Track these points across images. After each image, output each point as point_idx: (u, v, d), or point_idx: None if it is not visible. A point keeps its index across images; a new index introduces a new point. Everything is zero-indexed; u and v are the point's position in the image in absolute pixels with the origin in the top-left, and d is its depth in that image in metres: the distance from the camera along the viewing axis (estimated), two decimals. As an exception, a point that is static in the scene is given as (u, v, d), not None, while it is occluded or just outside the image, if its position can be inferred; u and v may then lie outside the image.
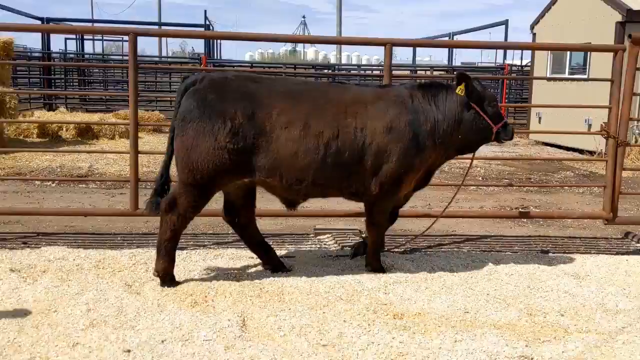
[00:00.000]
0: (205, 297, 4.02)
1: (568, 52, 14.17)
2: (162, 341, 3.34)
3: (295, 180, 4.16)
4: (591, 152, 12.50)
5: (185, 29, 20.18)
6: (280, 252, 5.10)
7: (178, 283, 4.23)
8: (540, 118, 15.57)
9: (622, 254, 5.64)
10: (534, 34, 16.02)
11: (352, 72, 24.87)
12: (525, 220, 6.87)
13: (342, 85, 5.23)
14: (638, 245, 6.05)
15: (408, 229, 6.35)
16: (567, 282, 4.60)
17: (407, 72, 20.96)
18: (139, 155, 5.42)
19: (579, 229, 6.70)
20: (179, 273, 4.37)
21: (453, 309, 3.98)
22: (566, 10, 14.69)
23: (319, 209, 6.07)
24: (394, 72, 8.73)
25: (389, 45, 5.05)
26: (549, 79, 15.00)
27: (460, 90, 4.37)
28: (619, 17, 12.51)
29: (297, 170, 4.12)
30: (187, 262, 4.75)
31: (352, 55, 70.71)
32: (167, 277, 4.18)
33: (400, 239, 5.91)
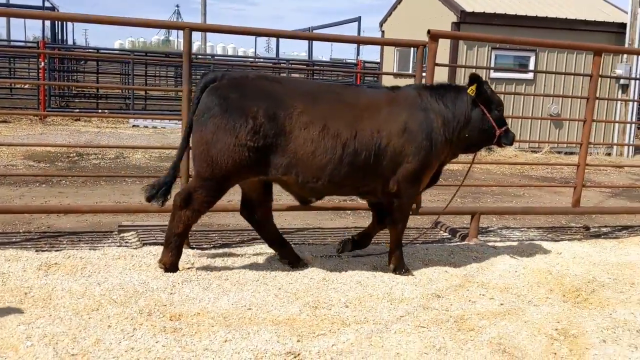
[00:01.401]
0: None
1: (412, 49, 14.76)
2: None
3: (312, 178, 4.24)
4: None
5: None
6: (74, 251, 4.69)
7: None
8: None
9: (427, 242, 5.85)
10: (383, 32, 16.57)
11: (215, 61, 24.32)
12: (348, 211, 6.95)
13: (356, 87, 5.24)
14: (445, 234, 6.32)
15: (225, 224, 6.16)
16: (363, 272, 4.63)
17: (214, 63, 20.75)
18: None
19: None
20: None
21: (237, 306, 3.82)
22: (410, 9, 15.34)
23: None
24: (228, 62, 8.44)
25: (187, 29, 4.78)
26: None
27: (471, 90, 4.54)
28: (454, 18, 13.23)
29: (314, 169, 4.20)
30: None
31: (228, 47, 70.09)
32: (174, 270, 4.34)
33: (214, 235, 5.70)
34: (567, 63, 13.88)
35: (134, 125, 15.35)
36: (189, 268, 4.47)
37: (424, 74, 5.46)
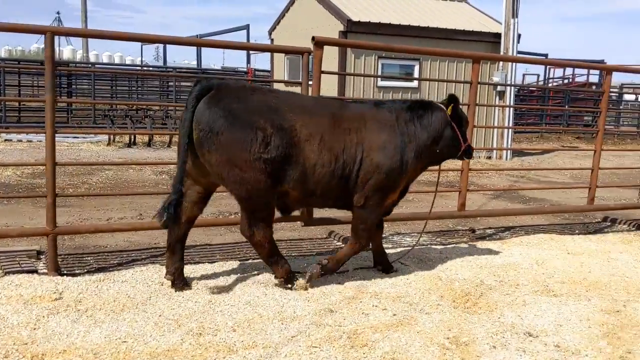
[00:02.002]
0: None
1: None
2: None
3: (310, 191, 4.33)
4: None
5: None
6: None
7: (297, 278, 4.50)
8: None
9: (322, 254, 5.70)
10: (272, 40, 16.44)
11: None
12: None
13: (341, 101, 5.11)
14: (339, 243, 6.22)
15: (102, 245, 5.68)
16: (253, 290, 4.39)
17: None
18: None
19: (289, 231, 6.71)
20: None
21: (110, 339, 3.44)
22: (297, 18, 15.33)
23: None
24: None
25: (49, 34, 4.31)
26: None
27: (449, 110, 4.73)
28: (341, 27, 13.36)
29: (314, 181, 4.28)
30: None
31: (115, 56, 67.65)
32: (291, 276, 4.49)
33: (89, 257, 5.22)
34: (448, 71, 14.47)
35: (6, 140, 14.11)
36: (56, 299, 4.00)
37: (310, 82, 5.32)
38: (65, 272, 4.75)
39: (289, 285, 4.46)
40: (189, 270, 4.73)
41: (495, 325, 3.97)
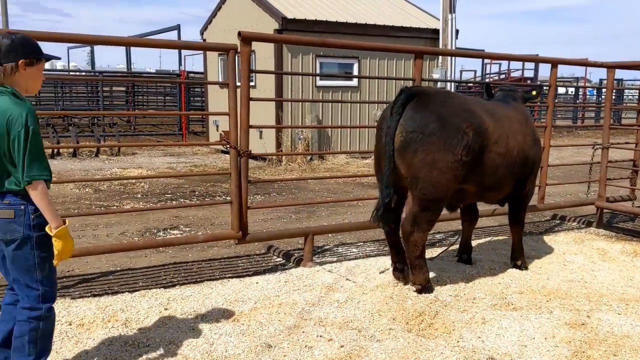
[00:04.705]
0: None
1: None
2: None
3: (489, 188, 4.61)
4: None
5: None
6: None
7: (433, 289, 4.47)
8: (217, 126, 15.30)
9: (259, 273, 5.14)
10: (204, 40, 15.70)
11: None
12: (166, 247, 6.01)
13: (498, 102, 5.10)
14: (279, 259, 5.67)
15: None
16: (180, 326, 3.78)
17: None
18: None
19: (224, 247, 6.10)
20: None
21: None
22: (230, 17, 14.67)
23: None
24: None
25: None
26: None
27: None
28: (276, 25, 12.81)
29: (494, 179, 4.53)
30: None
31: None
32: (430, 287, 4.49)
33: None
34: (388, 69, 14.15)
35: None
36: None
37: (238, 83, 4.74)
38: None
39: (424, 293, 4.43)
40: (103, 304, 4.07)
41: (454, 351, 3.52)
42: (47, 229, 2.69)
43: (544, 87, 7.26)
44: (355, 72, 13.72)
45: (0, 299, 3.14)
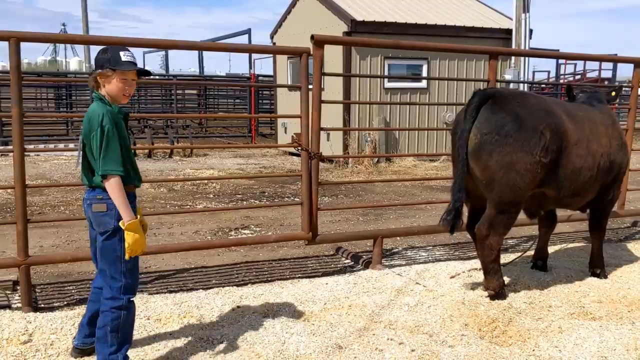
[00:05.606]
0: None
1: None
2: None
3: (570, 193, 4.42)
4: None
5: None
6: None
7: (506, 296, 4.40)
8: (285, 128, 15.50)
9: (328, 274, 5.18)
10: (274, 44, 15.94)
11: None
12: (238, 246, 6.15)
13: (584, 103, 4.98)
14: (347, 261, 5.69)
15: (89, 271, 5.18)
16: (252, 323, 3.87)
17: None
18: None
19: (293, 248, 6.18)
20: None
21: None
22: (300, 20, 14.83)
23: None
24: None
25: (13, 40, 3.82)
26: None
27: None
28: (345, 27, 12.85)
29: (576, 184, 4.39)
30: None
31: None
32: (504, 293, 4.40)
33: (70, 287, 4.72)
34: (458, 70, 13.90)
35: (2, 154, 13.70)
36: (25, 342, 3.50)
37: (310, 86, 4.79)
38: (42, 305, 4.27)
39: (497, 299, 4.34)
40: (179, 300, 4.22)
41: (530, 360, 3.43)
42: (120, 223, 2.84)
43: (624, 88, 6.93)
44: (425, 74, 13.55)
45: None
